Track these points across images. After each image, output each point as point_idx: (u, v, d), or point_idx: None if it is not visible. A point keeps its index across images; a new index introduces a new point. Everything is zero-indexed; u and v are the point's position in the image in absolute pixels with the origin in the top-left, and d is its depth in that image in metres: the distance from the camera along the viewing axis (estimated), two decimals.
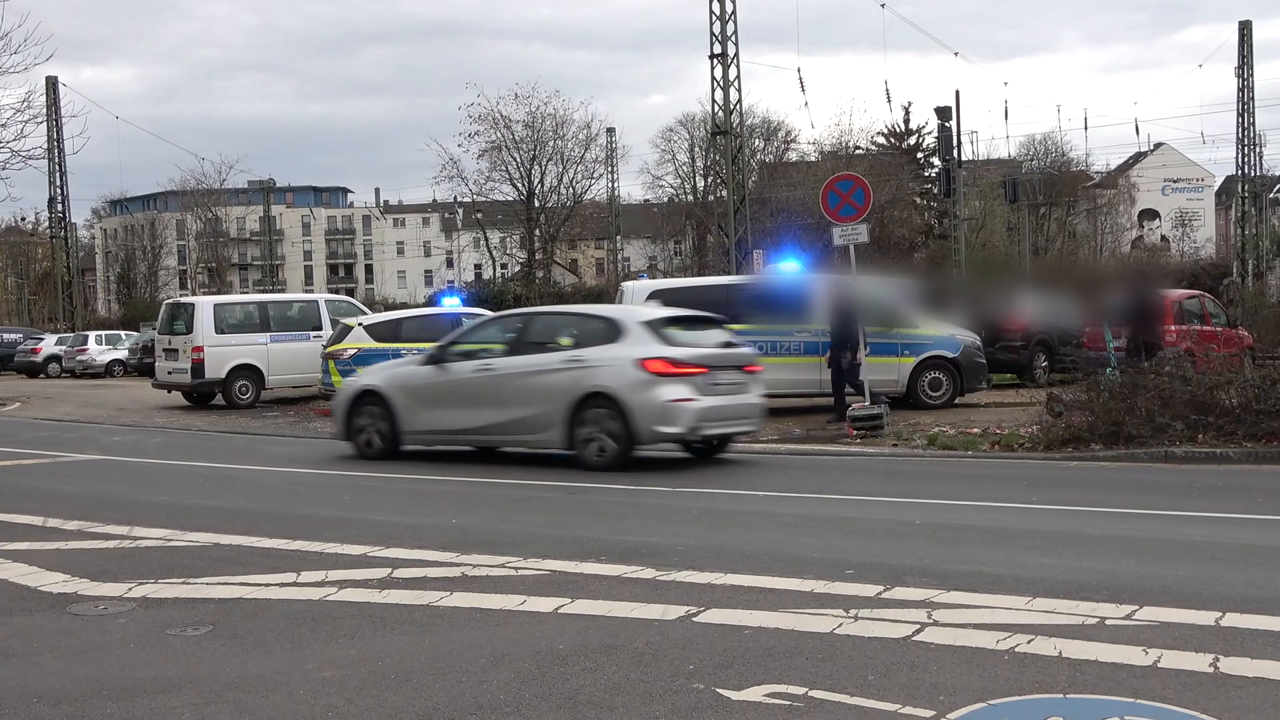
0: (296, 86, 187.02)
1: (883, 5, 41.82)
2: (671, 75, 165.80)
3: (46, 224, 61.88)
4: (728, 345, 14.75)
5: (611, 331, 14.21)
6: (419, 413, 15.21)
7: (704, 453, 14.91)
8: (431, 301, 40.67)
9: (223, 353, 25.74)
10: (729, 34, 36.52)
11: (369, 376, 16.40)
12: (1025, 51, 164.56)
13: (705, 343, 14.44)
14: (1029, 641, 6.04)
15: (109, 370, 45.62)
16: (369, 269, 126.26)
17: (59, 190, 54.76)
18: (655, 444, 14.17)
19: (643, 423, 13.56)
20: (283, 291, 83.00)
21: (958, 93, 61.49)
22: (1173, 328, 22.08)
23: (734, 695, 5.36)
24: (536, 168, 63.06)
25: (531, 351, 14.69)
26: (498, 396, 14.53)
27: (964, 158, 52.00)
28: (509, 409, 14.44)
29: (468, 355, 15.21)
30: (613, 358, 13.81)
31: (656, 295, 20.60)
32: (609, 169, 69.16)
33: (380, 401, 15.44)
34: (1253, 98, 52.72)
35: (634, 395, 13.53)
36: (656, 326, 14.18)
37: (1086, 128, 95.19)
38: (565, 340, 14.53)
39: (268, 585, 7.89)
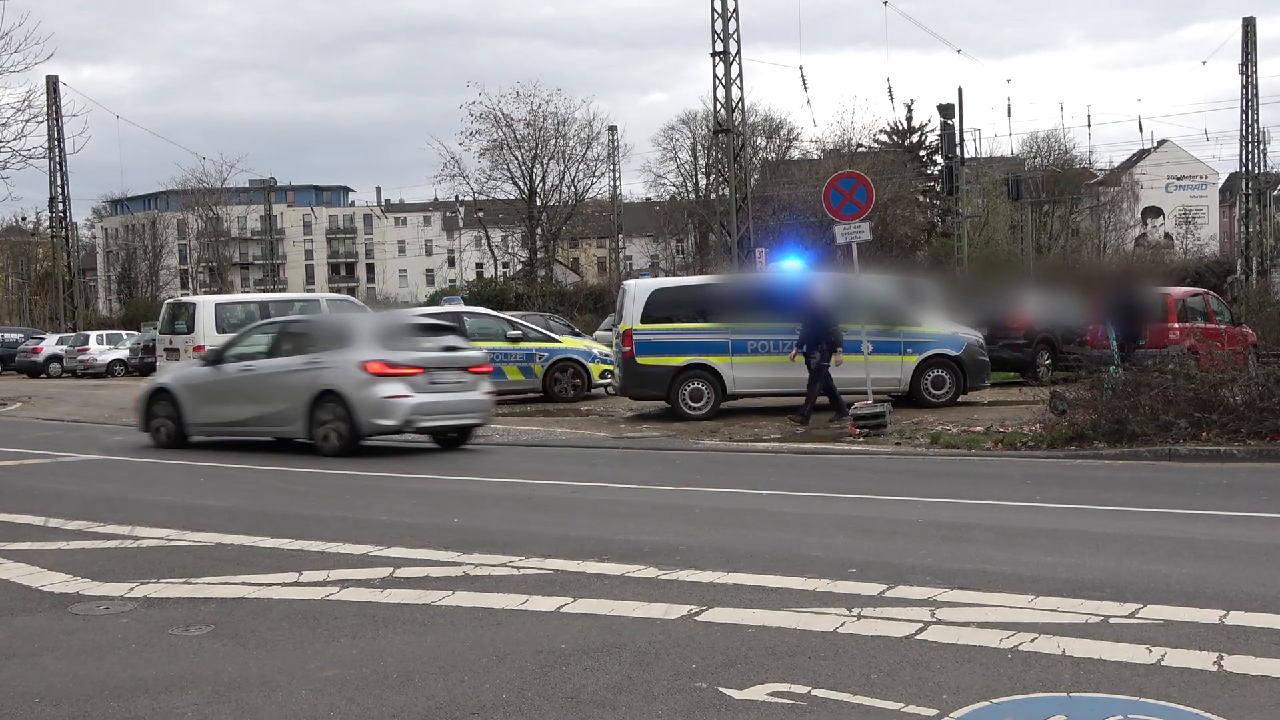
0: (297, 86, 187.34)
1: (885, 2, 41.82)
2: (672, 73, 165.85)
3: (47, 223, 61.93)
4: (453, 349, 16.75)
5: (345, 337, 16.27)
6: (199, 408, 17.37)
7: (448, 444, 16.90)
8: (434, 301, 40.66)
9: None
10: (731, 32, 36.51)
11: (163, 376, 19.17)
12: (1028, 49, 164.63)
13: (429, 347, 16.43)
14: (1032, 640, 6.04)
15: (110, 370, 45.63)
16: (370, 268, 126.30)
17: (60, 190, 54.79)
18: (376, 434, 16.03)
19: (363, 416, 15.61)
20: (284, 291, 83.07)
21: (960, 90, 61.21)
22: (1176, 325, 22.07)
23: (737, 694, 5.36)
24: (538, 166, 63.06)
25: (284, 355, 16.80)
26: (256, 394, 16.62)
27: (967, 155, 52.01)
28: (265, 404, 16.50)
29: (239, 358, 17.29)
30: (342, 361, 15.85)
31: (659, 294, 20.62)
32: (611, 167, 69.16)
33: (170, 398, 17.61)
34: (1256, 94, 52.68)
35: (356, 393, 15.57)
36: (382, 333, 16.30)
37: (1090, 125, 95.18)
38: (308, 345, 16.66)
39: (270, 585, 7.90)
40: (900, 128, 71.30)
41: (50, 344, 49.28)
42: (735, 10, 36.45)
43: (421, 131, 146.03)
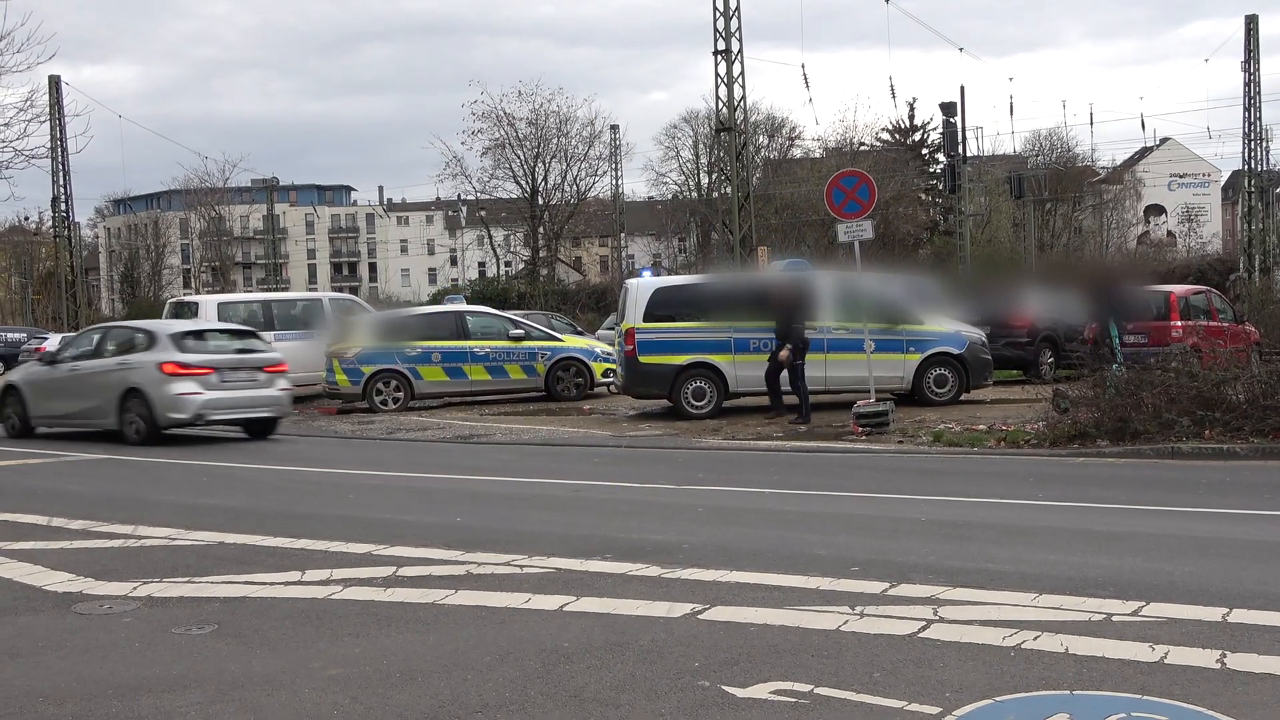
0: (297, 85, 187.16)
1: (886, 0, 41.70)
2: (673, 72, 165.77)
3: (50, 223, 61.81)
4: (247, 351, 18.76)
5: (150, 341, 18.35)
6: (39, 402, 19.62)
7: (254, 435, 18.85)
8: (436, 300, 40.65)
9: None
10: (732, 30, 36.48)
11: (14, 374, 21.75)
12: (1029, 47, 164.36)
13: (225, 350, 18.51)
14: (1035, 638, 6.04)
15: None
16: (373, 267, 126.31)
17: (62, 189, 54.73)
18: (173, 427, 17.95)
19: (160, 410, 17.69)
20: (287, 290, 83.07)
21: (962, 88, 61.51)
22: (1179, 323, 22.07)
23: (739, 692, 5.36)
24: (540, 165, 63.09)
25: (103, 356, 18.97)
26: (80, 390, 18.76)
27: (969, 153, 51.92)
28: (86, 400, 18.66)
29: (71, 358, 19.43)
30: (144, 361, 17.95)
31: (661, 293, 20.61)
32: (613, 166, 69.04)
33: (18, 394, 19.98)
34: (1259, 92, 52.59)
35: (154, 390, 17.67)
36: (180, 338, 18.26)
37: (1092, 123, 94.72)
38: (122, 348, 18.81)
39: (272, 584, 7.90)
40: (902, 126, 71.26)
41: (53, 344, 49.22)
42: (737, 8, 36.43)
43: (423, 131, 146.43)
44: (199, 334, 18.79)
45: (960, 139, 47.31)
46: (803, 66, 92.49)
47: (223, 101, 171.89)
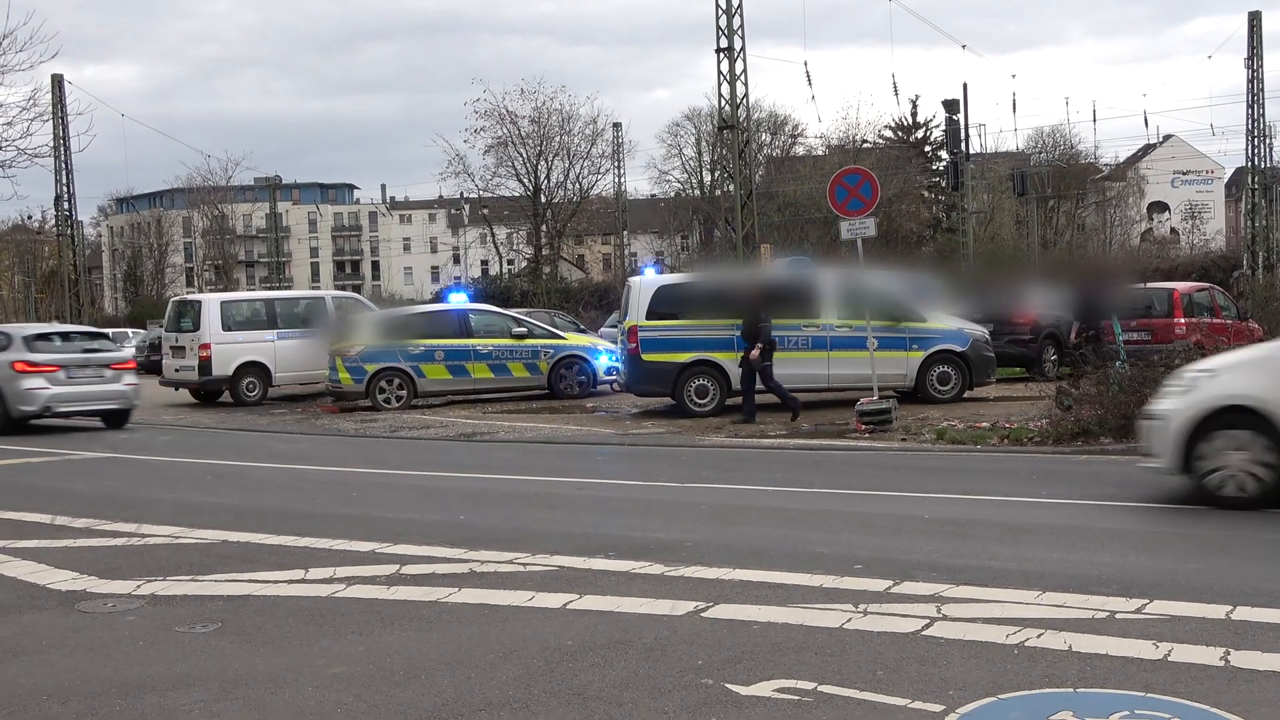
0: (299, 84, 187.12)
1: None
2: (674, 70, 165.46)
3: (53, 222, 61.77)
4: (93, 351, 21.10)
5: (7, 342, 20.53)
6: None
7: (109, 424, 21.12)
8: (438, 298, 40.65)
9: (230, 350, 25.77)
10: (735, 28, 36.45)
11: None
12: (1032, 44, 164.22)
13: (72, 350, 20.80)
14: (1039, 636, 6.04)
15: None
16: (375, 265, 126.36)
17: (65, 188, 54.74)
18: (26, 419, 20.09)
19: (13, 404, 20.03)
20: (289, 288, 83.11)
21: (965, 85, 61.01)
22: (1182, 321, 22.05)
23: (743, 690, 5.36)
24: (543, 163, 62.94)
25: None
26: None
27: (972, 151, 51.82)
28: None
29: None
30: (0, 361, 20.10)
31: (664, 290, 20.60)
32: (615, 164, 68.97)
33: None
34: (1262, 89, 52.53)
35: (7, 385, 20.03)
36: (31, 340, 20.65)
37: (1095, 120, 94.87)
38: None
39: (276, 582, 7.91)
40: (905, 123, 71.12)
41: None
42: (740, 6, 36.40)
43: (425, 129, 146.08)
44: (49, 336, 21.25)
45: (963, 136, 47.24)
46: (805, 64, 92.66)
47: (224, 101, 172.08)
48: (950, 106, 47.69)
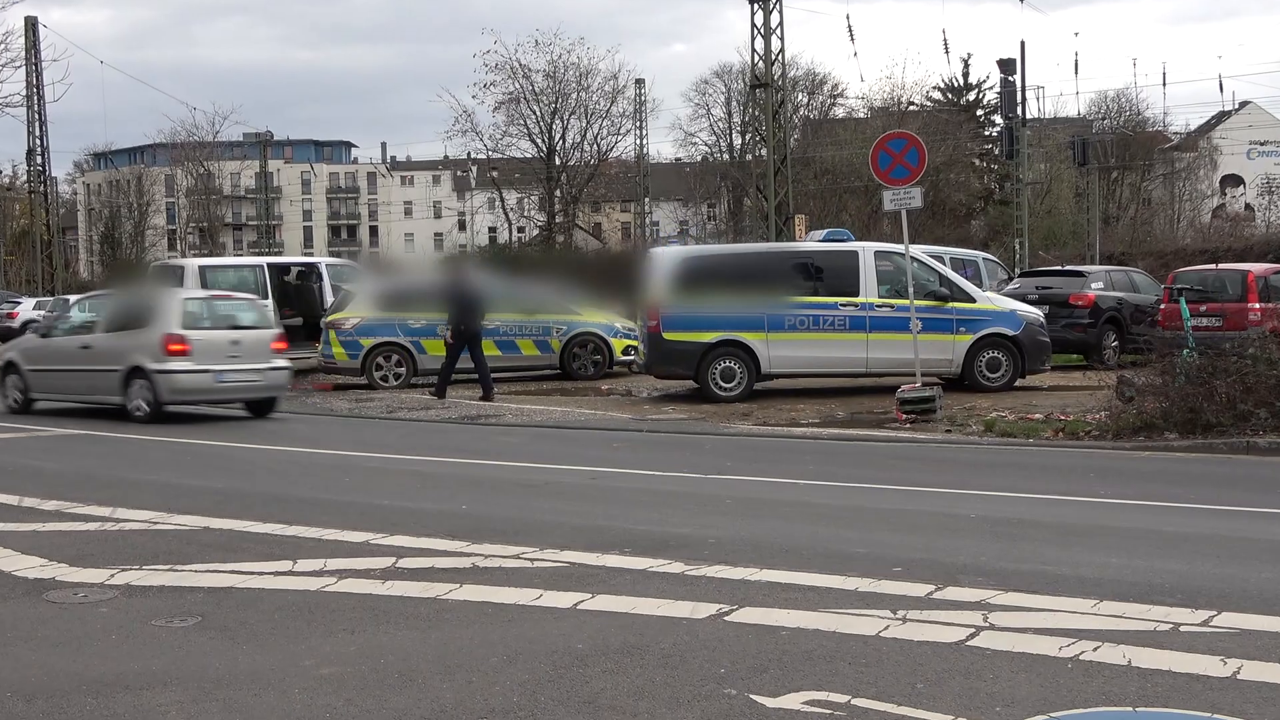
0: (282, 32, 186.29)
1: None
2: (692, 21, 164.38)
3: (24, 178, 62.11)
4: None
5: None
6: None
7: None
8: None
9: None
10: None
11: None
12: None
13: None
14: (1095, 649, 6.01)
15: None
16: (374, 230, 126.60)
17: (38, 141, 54.96)
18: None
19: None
20: (280, 254, 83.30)
21: (1023, 43, 60.95)
22: (1257, 306, 21.90)
23: (769, 702, 5.35)
24: (558, 122, 63.04)
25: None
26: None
27: (1029, 116, 51.62)
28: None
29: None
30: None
31: (689, 264, 20.56)
32: (637, 124, 68.93)
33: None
34: None
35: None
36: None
37: (1165, 84, 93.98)
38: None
39: (261, 574, 7.94)
40: (955, 84, 70.92)
41: (27, 308, 49.55)
42: None
43: (427, 83, 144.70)
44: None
45: (1019, 99, 47.04)
46: (847, 17, 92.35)
47: (201, 48, 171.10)
48: (1005, 66, 47.47)
